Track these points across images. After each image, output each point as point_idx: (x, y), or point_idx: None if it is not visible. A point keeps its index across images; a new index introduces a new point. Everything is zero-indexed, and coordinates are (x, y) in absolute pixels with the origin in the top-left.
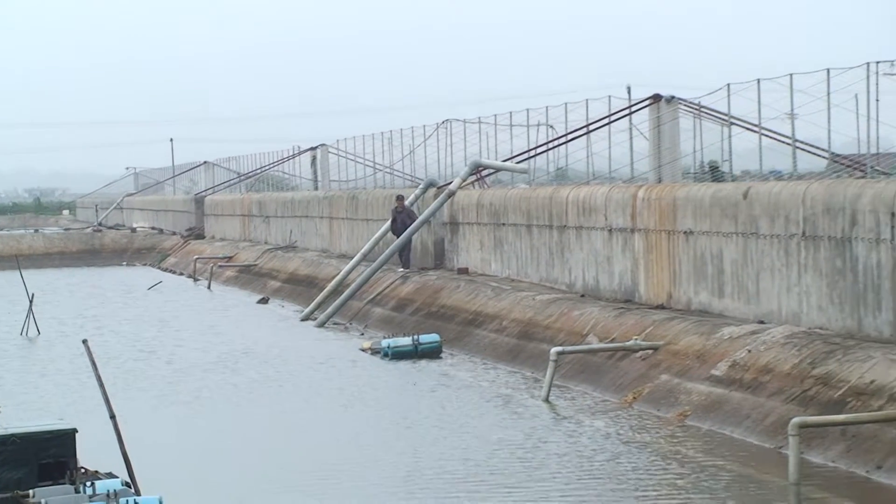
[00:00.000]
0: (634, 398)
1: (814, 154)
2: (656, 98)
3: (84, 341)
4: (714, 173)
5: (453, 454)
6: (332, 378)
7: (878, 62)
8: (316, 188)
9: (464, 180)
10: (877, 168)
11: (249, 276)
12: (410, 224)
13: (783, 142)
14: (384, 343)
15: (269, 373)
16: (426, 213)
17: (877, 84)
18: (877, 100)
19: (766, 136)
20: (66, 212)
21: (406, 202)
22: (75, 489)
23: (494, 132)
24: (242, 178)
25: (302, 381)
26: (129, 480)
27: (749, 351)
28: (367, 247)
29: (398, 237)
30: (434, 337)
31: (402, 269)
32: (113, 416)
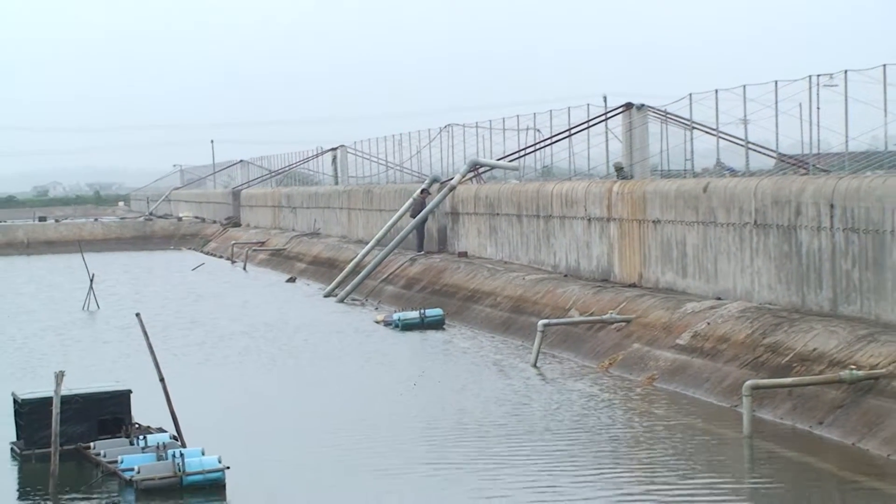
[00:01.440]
0: (610, 364)
1: (764, 154)
2: (628, 106)
3: (137, 314)
4: (619, 174)
5: (455, 408)
6: (352, 345)
7: (818, 75)
8: (336, 183)
9: (463, 176)
10: (818, 166)
11: (279, 259)
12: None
13: (738, 143)
14: (395, 316)
15: (298, 340)
16: (431, 204)
17: (818, 94)
18: (818, 108)
19: (723, 138)
20: (121, 203)
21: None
22: (130, 442)
23: (490, 135)
24: (273, 174)
25: (326, 346)
26: (176, 434)
27: (708, 323)
28: (380, 233)
29: (417, 224)
30: (438, 311)
31: (421, 254)
32: (162, 379)
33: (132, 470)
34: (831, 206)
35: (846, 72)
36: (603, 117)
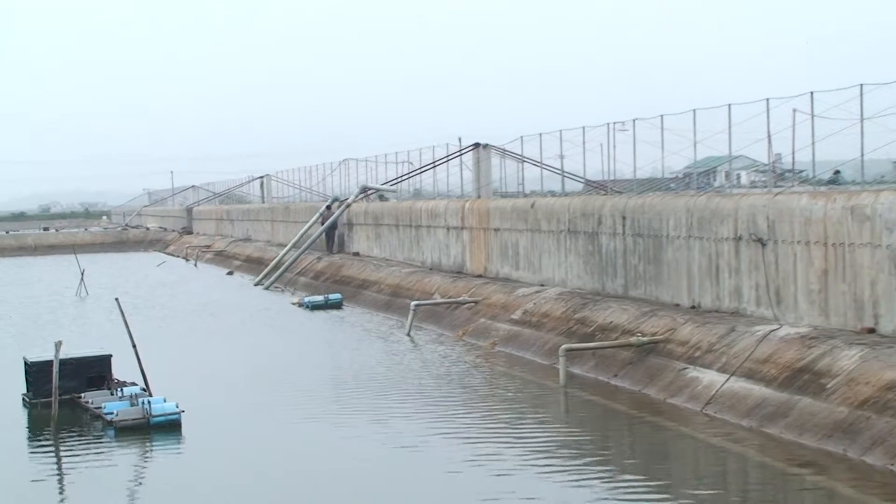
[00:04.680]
0: (464, 333)
1: (575, 180)
2: (476, 145)
3: (116, 299)
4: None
5: (350, 365)
6: (275, 320)
7: (614, 122)
8: (263, 202)
9: (356, 197)
10: (614, 189)
11: (221, 258)
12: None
13: (556, 172)
14: (306, 299)
15: (235, 316)
16: (333, 217)
17: (614, 136)
18: (613, 146)
19: (545, 168)
20: (105, 217)
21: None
22: (110, 393)
23: (375, 166)
24: (217, 195)
25: (256, 321)
26: (145, 387)
27: (534, 303)
28: (295, 238)
29: (324, 231)
30: (338, 295)
31: (325, 253)
32: (134, 346)
33: (112, 413)
34: (623, 218)
35: (634, 120)
36: (458, 153)
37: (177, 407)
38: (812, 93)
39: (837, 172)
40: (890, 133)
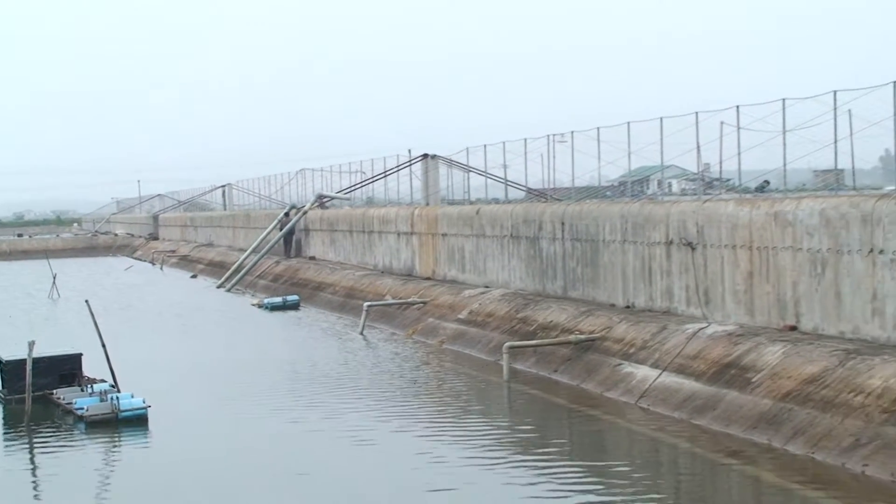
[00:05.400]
0: (413, 332)
1: (517, 188)
2: (425, 156)
3: (86, 301)
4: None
5: (307, 360)
6: (236, 319)
7: (554, 134)
8: (225, 209)
9: (312, 205)
10: (554, 196)
11: (186, 262)
12: (290, 229)
13: (500, 181)
14: (265, 301)
15: (198, 316)
16: (291, 223)
17: (554, 147)
18: (553, 157)
19: (490, 177)
20: (75, 224)
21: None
22: (81, 389)
23: (330, 176)
24: (181, 203)
25: (218, 321)
26: (113, 384)
27: (479, 304)
28: (255, 244)
29: (283, 236)
30: (295, 297)
31: (283, 257)
32: (103, 345)
33: (83, 408)
34: (562, 224)
35: (573, 132)
36: (408, 164)
37: (144, 402)
38: (738, 106)
39: (766, 182)
40: (810, 144)
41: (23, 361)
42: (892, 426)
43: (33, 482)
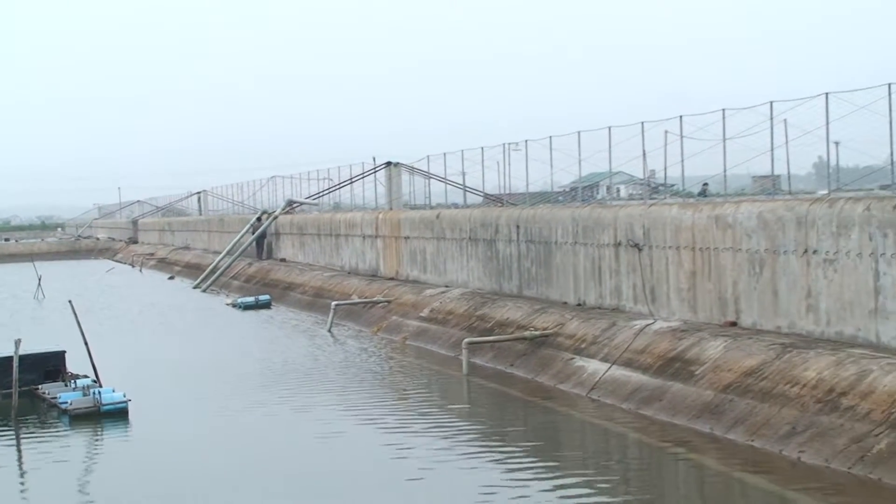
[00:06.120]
0: (378, 329)
1: (475, 194)
2: (388, 163)
3: (69, 301)
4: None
5: (278, 355)
6: (212, 317)
7: (508, 143)
8: (200, 214)
9: (282, 210)
10: (509, 201)
11: (164, 264)
12: (261, 232)
13: (459, 187)
14: (238, 300)
15: (175, 316)
16: (262, 227)
17: (509, 155)
18: (508, 164)
19: (449, 184)
20: (59, 229)
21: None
22: (65, 384)
23: (300, 183)
24: (159, 209)
25: (194, 319)
26: (95, 379)
27: (440, 302)
28: (228, 247)
29: (255, 239)
30: (267, 296)
31: (255, 259)
32: (86, 343)
33: (67, 402)
34: (517, 227)
35: (526, 141)
36: (373, 171)
37: (124, 396)
38: (681, 117)
39: (706, 185)
40: (749, 151)
41: (9, 358)
42: (826, 415)
43: (20, 472)
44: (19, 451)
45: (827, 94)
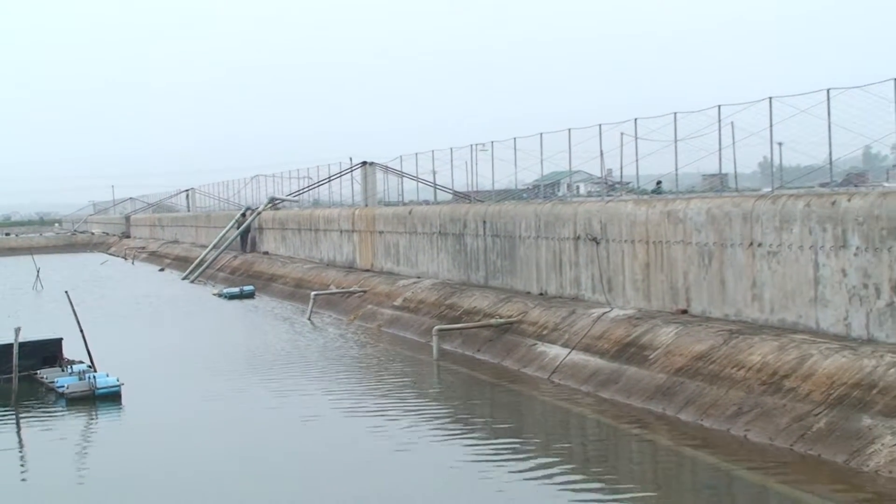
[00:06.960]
0: (355, 317)
1: (444, 191)
2: (364, 163)
3: (66, 292)
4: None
5: (261, 341)
6: (199, 306)
7: (476, 144)
8: (188, 210)
9: (265, 206)
10: (476, 198)
11: (155, 257)
12: (246, 227)
13: (430, 185)
14: (224, 290)
15: (165, 305)
16: (247, 222)
17: (476, 155)
18: (476, 163)
19: (420, 182)
20: (57, 224)
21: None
22: (62, 369)
23: (281, 181)
24: (150, 205)
25: (183, 308)
26: (90, 364)
27: (412, 292)
28: (215, 241)
29: (239, 234)
30: (251, 287)
31: (240, 252)
32: (82, 330)
33: (63, 387)
34: (484, 222)
35: (493, 142)
36: (349, 170)
37: (118, 381)
38: (636, 119)
39: (659, 183)
40: (699, 151)
41: (10, 345)
42: (770, 396)
43: (20, 452)
44: (19, 431)
45: (771, 98)
